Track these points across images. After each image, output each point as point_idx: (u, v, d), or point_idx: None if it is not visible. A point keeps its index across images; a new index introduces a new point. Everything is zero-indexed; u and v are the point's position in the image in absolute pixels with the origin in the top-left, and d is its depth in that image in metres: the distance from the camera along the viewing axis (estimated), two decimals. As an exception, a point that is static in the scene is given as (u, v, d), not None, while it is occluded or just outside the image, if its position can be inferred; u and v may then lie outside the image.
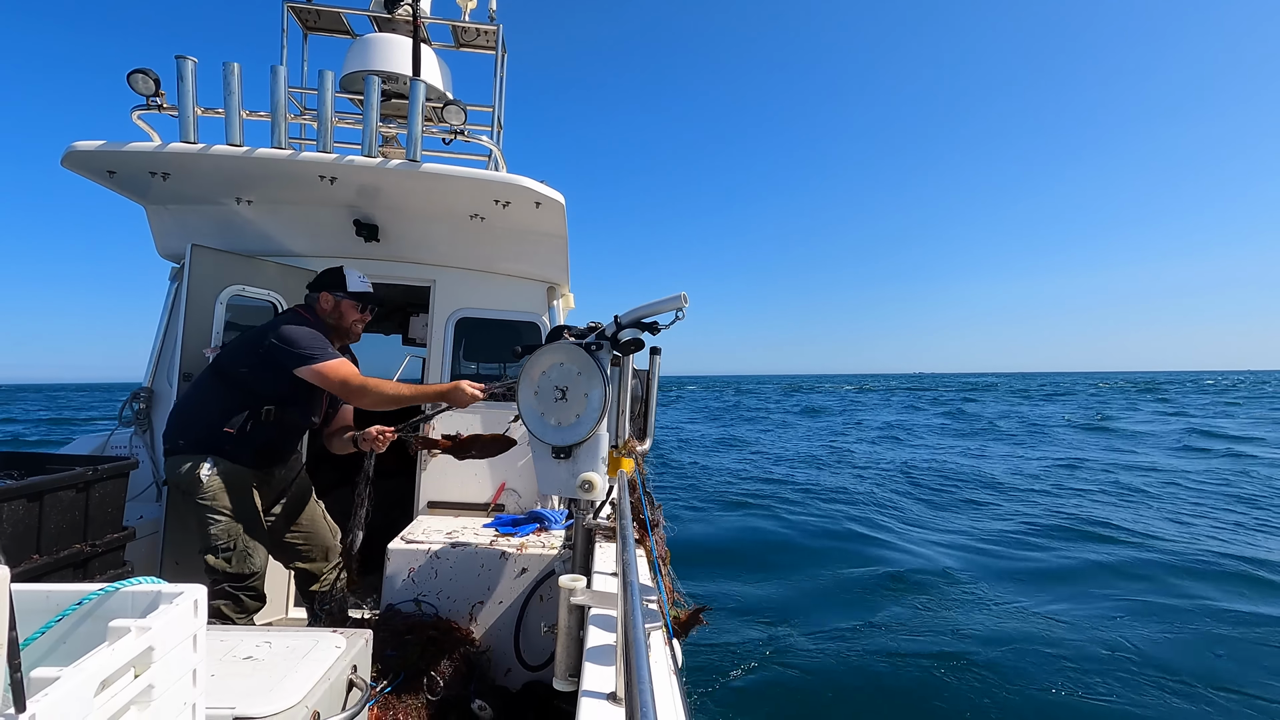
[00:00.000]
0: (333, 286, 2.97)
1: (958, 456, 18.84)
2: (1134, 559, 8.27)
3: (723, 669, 5.38)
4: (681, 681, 1.57)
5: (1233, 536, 9.42)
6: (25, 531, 2.37)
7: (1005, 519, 10.70)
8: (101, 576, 2.70)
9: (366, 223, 3.91)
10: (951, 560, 8.28)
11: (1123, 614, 6.47)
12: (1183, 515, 10.86)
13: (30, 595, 1.33)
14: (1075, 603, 6.85)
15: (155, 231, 3.97)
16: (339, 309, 2.98)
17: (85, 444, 3.79)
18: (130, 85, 3.32)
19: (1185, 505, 11.71)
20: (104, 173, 3.49)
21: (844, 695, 5.05)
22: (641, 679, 1.00)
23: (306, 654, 1.88)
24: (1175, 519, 10.60)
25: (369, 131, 3.36)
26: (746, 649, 5.76)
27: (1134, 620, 6.31)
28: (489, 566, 3.19)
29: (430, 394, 2.97)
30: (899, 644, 5.86)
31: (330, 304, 2.97)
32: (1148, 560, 8.20)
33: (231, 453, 2.78)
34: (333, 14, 4.63)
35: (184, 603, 1.31)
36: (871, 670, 5.41)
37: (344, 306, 2.98)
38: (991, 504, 12.03)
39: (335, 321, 2.99)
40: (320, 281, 3.02)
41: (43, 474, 2.49)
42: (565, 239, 3.96)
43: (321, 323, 2.95)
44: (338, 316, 2.98)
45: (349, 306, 2.99)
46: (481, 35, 4.80)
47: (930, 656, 5.53)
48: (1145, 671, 5.27)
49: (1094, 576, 7.70)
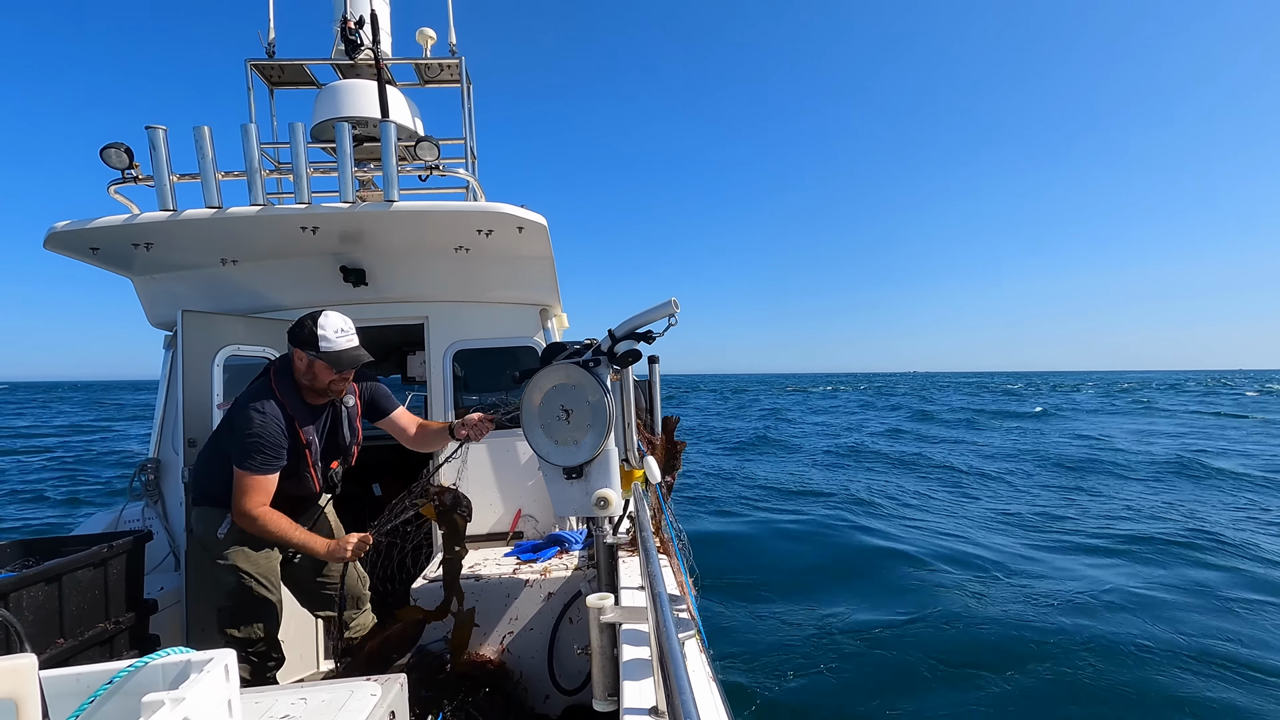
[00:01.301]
0: (305, 344, 2.64)
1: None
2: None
3: (763, 670, 5.34)
4: (721, 687, 1.56)
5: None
6: (47, 616, 2.36)
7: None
8: (129, 652, 2.68)
9: (353, 268, 3.92)
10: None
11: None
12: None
13: (60, 680, 1.32)
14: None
15: (145, 302, 3.97)
16: (312, 369, 2.68)
17: (98, 522, 3.77)
18: (104, 160, 3.33)
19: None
20: (87, 250, 3.50)
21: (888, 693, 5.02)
22: (682, 689, 0.99)
23: (343, 705, 1.87)
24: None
25: (345, 178, 3.37)
26: (784, 650, 5.73)
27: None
28: (514, 595, 3.18)
29: (313, 547, 2.65)
30: (953, 640, 5.82)
31: (304, 363, 2.69)
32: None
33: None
34: (295, 67, 4.66)
35: (215, 669, 1.30)
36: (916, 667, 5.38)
37: (317, 368, 2.67)
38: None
39: (309, 383, 2.71)
40: (293, 335, 2.69)
41: (58, 556, 2.48)
42: (551, 260, 3.97)
43: (296, 382, 2.73)
44: (311, 377, 2.69)
45: (322, 369, 2.66)
46: (445, 70, 4.84)
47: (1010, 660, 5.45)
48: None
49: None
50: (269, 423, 2.59)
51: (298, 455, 2.72)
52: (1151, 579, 7.36)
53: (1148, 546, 8.66)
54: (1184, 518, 10.43)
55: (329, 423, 2.90)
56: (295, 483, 2.77)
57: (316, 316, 2.67)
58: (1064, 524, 10.23)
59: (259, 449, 2.56)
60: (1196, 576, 7.46)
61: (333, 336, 2.64)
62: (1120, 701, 4.80)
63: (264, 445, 2.57)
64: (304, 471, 2.76)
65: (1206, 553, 8.33)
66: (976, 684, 5.04)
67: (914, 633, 5.98)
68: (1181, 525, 9.82)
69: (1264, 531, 9.55)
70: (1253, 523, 10.17)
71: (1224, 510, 11.09)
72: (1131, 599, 6.67)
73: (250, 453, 2.56)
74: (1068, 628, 5.90)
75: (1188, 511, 10.93)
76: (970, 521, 10.45)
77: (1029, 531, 9.79)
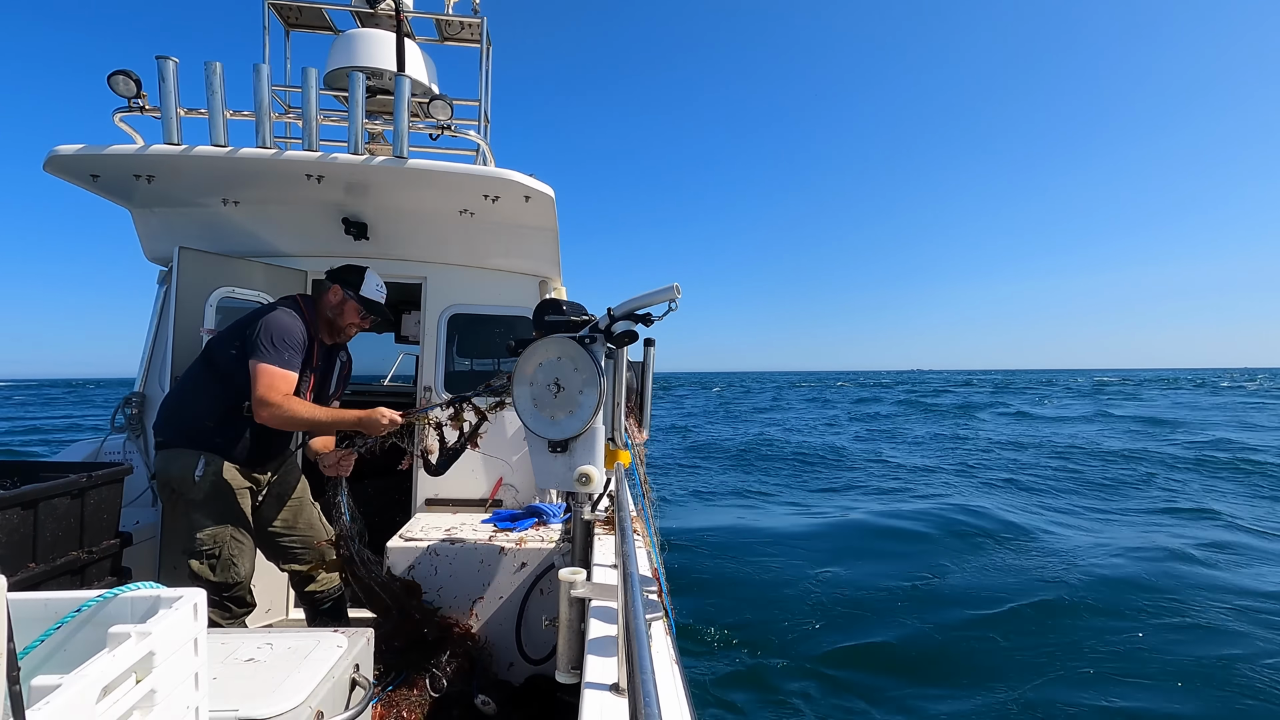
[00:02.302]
0: (347, 284, 2.92)
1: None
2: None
3: (724, 654, 5.42)
4: (683, 670, 1.58)
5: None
6: (20, 540, 2.36)
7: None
8: (99, 583, 2.69)
9: (355, 221, 3.88)
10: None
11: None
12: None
13: (28, 604, 1.32)
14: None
15: (142, 235, 3.93)
16: (343, 306, 2.93)
17: (78, 451, 3.76)
18: (111, 87, 3.27)
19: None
20: (87, 176, 3.45)
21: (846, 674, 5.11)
22: (644, 669, 1.00)
23: (308, 654, 1.89)
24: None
25: (355, 129, 3.33)
26: (745, 634, 5.81)
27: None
28: (488, 562, 3.20)
29: (347, 420, 2.78)
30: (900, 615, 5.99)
31: (338, 298, 2.92)
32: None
33: (221, 449, 2.75)
34: (314, 10, 4.58)
35: (184, 607, 1.31)
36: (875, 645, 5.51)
37: (348, 307, 2.93)
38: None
39: (334, 316, 2.94)
40: (338, 274, 2.97)
41: (36, 482, 2.47)
42: (555, 232, 3.94)
43: (318, 314, 2.93)
44: (338, 313, 2.94)
45: (352, 309, 2.94)
46: (465, 28, 4.76)
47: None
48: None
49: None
50: (295, 325, 2.76)
51: (302, 376, 2.80)
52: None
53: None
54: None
55: (326, 365, 3.02)
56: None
57: (363, 269, 2.97)
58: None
59: (286, 344, 2.68)
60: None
61: (373, 288, 2.97)
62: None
63: (292, 342, 2.70)
64: (303, 392, 2.84)
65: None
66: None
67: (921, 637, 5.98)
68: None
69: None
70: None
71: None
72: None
73: (276, 346, 2.66)
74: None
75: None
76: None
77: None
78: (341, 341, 3.08)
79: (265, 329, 2.67)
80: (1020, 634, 5.75)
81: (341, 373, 3.13)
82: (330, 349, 3.03)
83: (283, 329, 2.69)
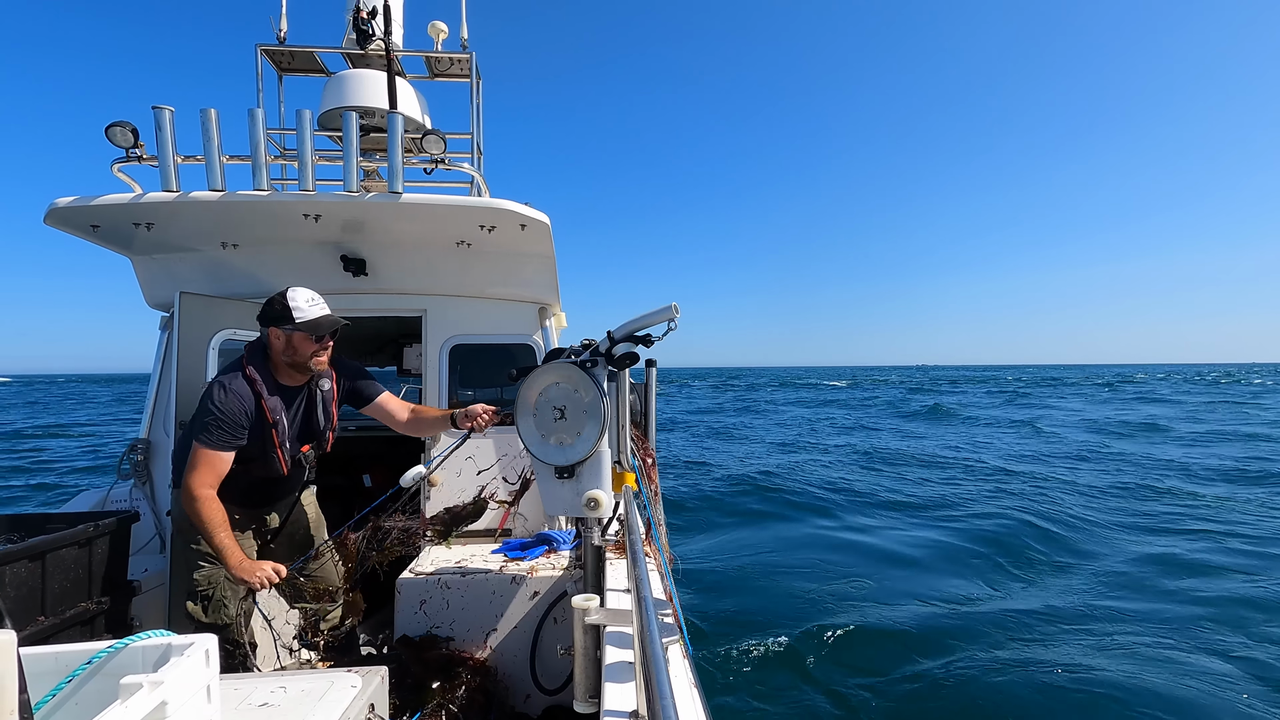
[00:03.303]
0: (279, 319, 2.65)
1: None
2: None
3: (746, 677, 5.34)
4: (703, 694, 1.56)
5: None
6: (29, 594, 2.34)
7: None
8: (109, 633, 2.67)
9: (353, 257, 3.91)
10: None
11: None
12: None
13: (38, 658, 1.31)
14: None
15: (143, 282, 3.96)
16: (291, 344, 2.67)
17: (85, 500, 3.75)
18: (109, 138, 3.32)
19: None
20: (87, 227, 3.48)
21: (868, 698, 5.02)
22: (663, 694, 0.99)
23: (323, 696, 1.86)
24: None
25: (350, 167, 3.37)
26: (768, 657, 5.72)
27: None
28: (500, 592, 3.17)
29: (226, 558, 2.50)
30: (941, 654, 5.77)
31: (282, 341, 2.68)
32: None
33: (221, 491, 2.69)
34: (305, 54, 4.66)
35: (195, 654, 1.30)
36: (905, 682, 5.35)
37: (296, 340, 2.66)
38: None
39: (290, 358, 2.70)
40: (265, 317, 2.70)
41: (43, 534, 2.46)
42: (553, 258, 3.97)
43: (274, 364, 2.73)
44: (293, 352, 2.69)
45: (301, 339, 2.66)
46: (455, 64, 4.84)
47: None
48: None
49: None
50: (230, 399, 2.57)
51: (264, 435, 2.68)
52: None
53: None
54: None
55: (303, 405, 2.87)
56: (262, 464, 2.74)
57: (284, 293, 2.67)
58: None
59: (215, 425, 2.54)
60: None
61: (305, 306, 2.66)
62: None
63: (221, 421, 2.54)
64: (270, 452, 2.72)
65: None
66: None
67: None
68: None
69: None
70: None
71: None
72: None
73: (206, 427, 2.54)
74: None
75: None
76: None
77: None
78: (318, 372, 2.84)
79: (202, 407, 2.57)
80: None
81: (328, 403, 2.97)
82: (307, 385, 2.87)
83: (216, 409, 2.55)
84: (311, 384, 2.88)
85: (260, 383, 2.67)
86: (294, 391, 2.82)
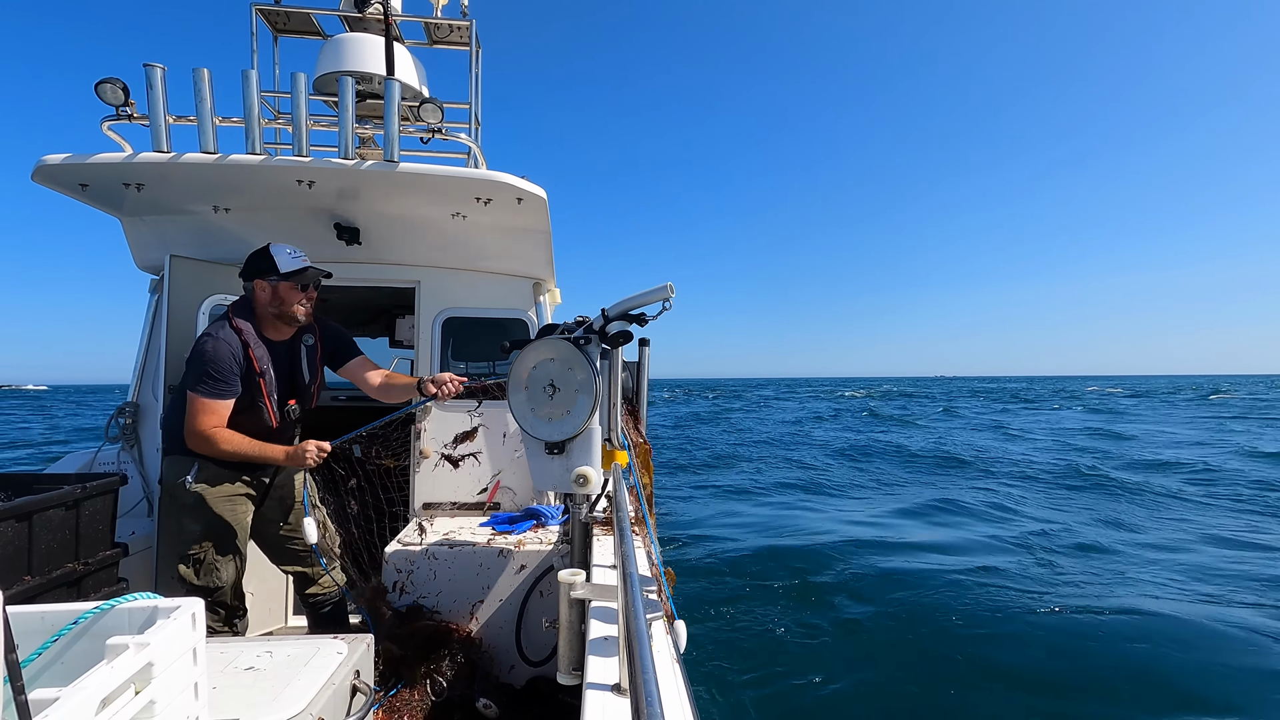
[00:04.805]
0: (264, 272, 2.77)
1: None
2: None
3: (727, 655, 5.43)
4: (684, 670, 1.58)
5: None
6: (15, 553, 2.34)
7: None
8: (96, 594, 2.67)
9: (347, 226, 3.87)
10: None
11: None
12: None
13: (25, 617, 1.31)
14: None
15: (132, 244, 3.91)
16: (277, 294, 2.79)
17: (72, 462, 3.74)
18: (99, 95, 3.25)
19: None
20: (76, 186, 3.42)
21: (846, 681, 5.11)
22: (645, 669, 1.00)
23: (308, 661, 1.88)
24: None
25: (345, 133, 3.32)
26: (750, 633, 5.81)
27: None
28: (487, 565, 3.20)
29: (272, 455, 2.73)
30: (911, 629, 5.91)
31: (267, 292, 2.79)
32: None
33: (212, 457, 2.74)
34: (302, 15, 4.56)
35: (181, 616, 1.30)
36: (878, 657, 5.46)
37: (282, 290, 2.78)
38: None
39: (276, 310, 2.81)
40: (249, 271, 2.81)
41: (30, 494, 2.45)
42: (549, 234, 3.94)
43: (258, 317, 2.81)
44: (279, 303, 2.79)
45: (287, 289, 2.78)
46: (455, 31, 4.75)
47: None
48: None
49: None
50: (220, 347, 2.67)
51: (252, 386, 2.75)
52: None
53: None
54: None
55: (288, 359, 2.93)
56: (251, 415, 2.80)
57: (266, 247, 2.82)
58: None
59: (210, 374, 2.63)
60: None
61: (288, 258, 2.79)
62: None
63: (217, 370, 2.64)
64: (259, 402, 2.79)
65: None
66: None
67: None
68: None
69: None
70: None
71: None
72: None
73: (202, 378, 2.63)
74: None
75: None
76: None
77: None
78: (300, 326, 2.93)
79: (194, 359, 2.66)
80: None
81: (315, 357, 3.04)
82: (291, 341, 2.94)
83: (208, 358, 2.63)
84: (296, 340, 2.96)
85: (247, 332, 2.75)
86: (279, 346, 2.89)
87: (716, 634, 5.86)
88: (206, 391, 2.63)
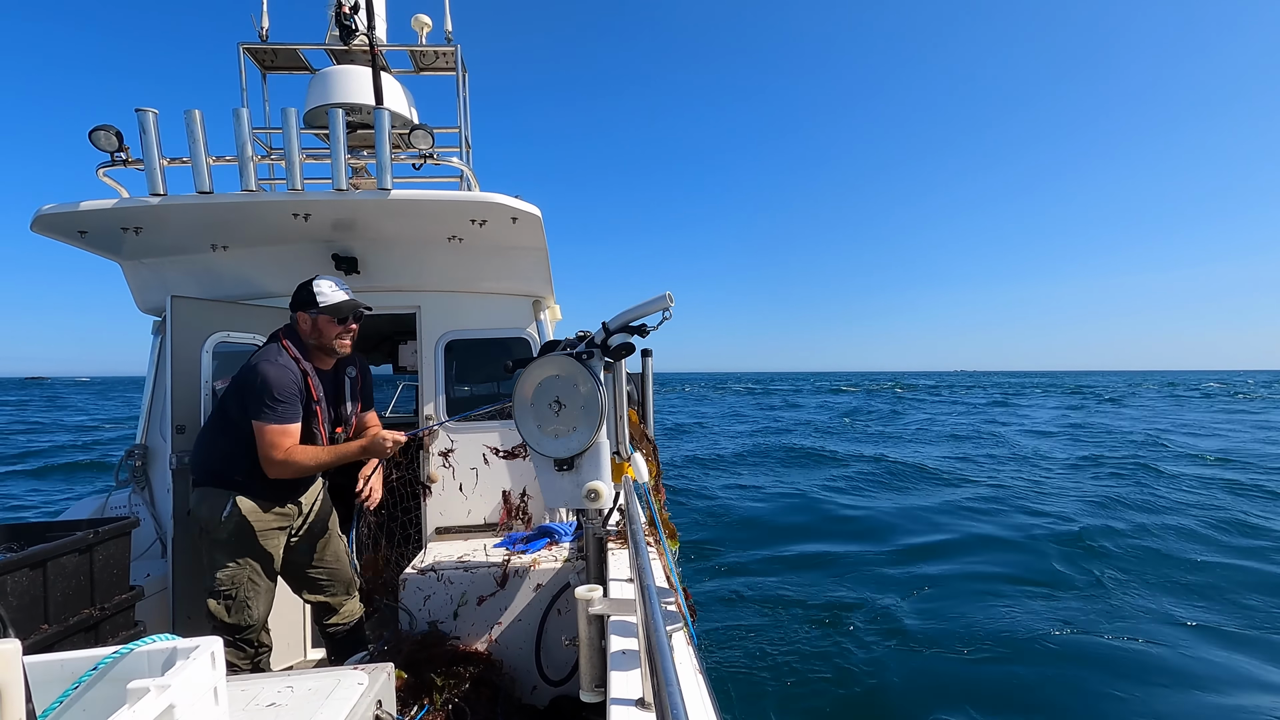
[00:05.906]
0: (306, 304, 2.84)
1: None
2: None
3: (750, 664, 5.38)
4: (708, 680, 1.57)
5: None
6: (32, 602, 2.34)
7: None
8: (114, 639, 2.67)
9: (345, 256, 3.89)
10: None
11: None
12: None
13: (44, 666, 1.31)
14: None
15: (133, 287, 3.93)
16: (317, 326, 2.85)
17: (84, 507, 3.75)
18: (93, 143, 3.29)
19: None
20: (75, 233, 3.45)
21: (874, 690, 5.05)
22: (669, 681, 0.99)
23: (330, 694, 1.87)
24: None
25: (338, 164, 3.34)
26: (772, 643, 5.76)
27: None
28: (503, 586, 3.18)
29: (350, 452, 2.82)
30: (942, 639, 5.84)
31: (308, 324, 2.85)
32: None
33: (249, 489, 2.75)
34: (288, 51, 4.61)
35: (201, 656, 1.30)
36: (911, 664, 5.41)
37: (321, 323, 2.84)
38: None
39: (318, 341, 2.87)
40: (294, 303, 2.89)
41: (42, 542, 2.46)
42: (545, 251, 3.95)
43: (304, 346, 2.86)
44: (319, 335, 2.86)
45: (326, 322, 2.84)
46: (440, 57, 4.80)
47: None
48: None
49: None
50: (284, 374, 2.71)
51: (309, 413, 2.79)
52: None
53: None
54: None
55: (333, 388, 2.97)
56: (306, 440, 2.82)
57: (310, 280, 2.88)
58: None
59: (278, 399, 2.66)
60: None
61: (328, 292, 2.86)
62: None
63: (284, 394, 2.67)
64: (314, 429, 2.83)
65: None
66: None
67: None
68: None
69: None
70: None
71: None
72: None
73: (270, 404, 2.65)
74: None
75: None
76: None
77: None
78: (341, 357, 2.98)
79: (260, 387, 2.66)
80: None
81: (355, 388, 3.07)
82: (336, 370, 2.98)
83: (273, 383, 2.66)
84: (340, 370, 3.01)
85: (302, 360, 2.81)
86: (325, 375, 2.94)
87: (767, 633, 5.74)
88: (278, 417, 2.66)
